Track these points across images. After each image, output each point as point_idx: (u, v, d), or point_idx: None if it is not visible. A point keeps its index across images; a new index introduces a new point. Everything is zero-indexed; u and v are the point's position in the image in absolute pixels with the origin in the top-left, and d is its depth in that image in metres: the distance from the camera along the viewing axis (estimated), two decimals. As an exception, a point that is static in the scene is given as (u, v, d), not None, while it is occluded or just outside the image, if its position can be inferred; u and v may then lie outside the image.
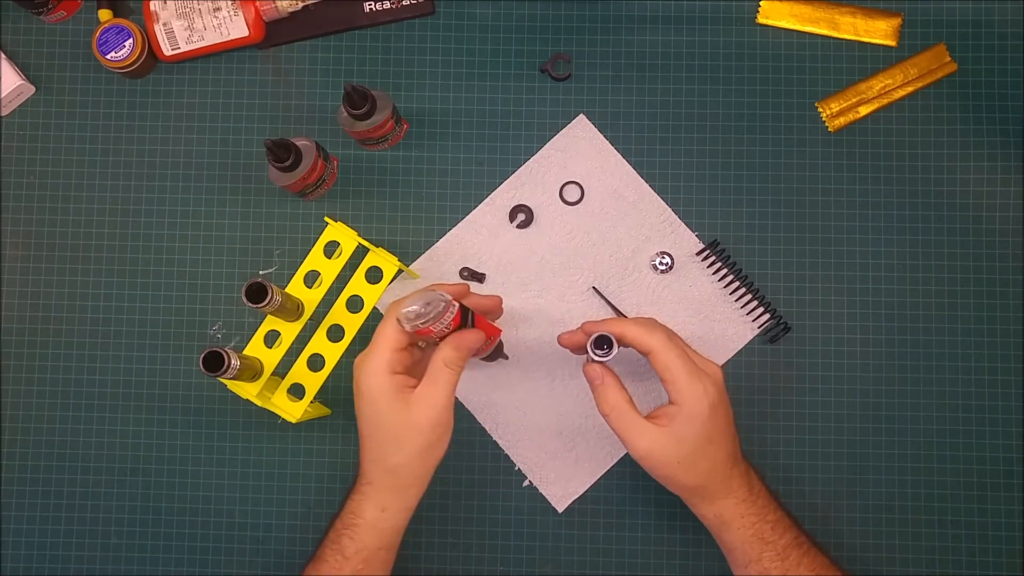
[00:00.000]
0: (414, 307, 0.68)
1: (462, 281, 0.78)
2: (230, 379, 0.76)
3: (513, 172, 0.89)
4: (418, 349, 0.76)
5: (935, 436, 0.86)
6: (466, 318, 0.71)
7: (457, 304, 0.70)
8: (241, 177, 0.90)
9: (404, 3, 0.90)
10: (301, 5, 0.88)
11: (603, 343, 0.73)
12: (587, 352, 0.74)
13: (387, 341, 0.71)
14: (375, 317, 0.88)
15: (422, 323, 0.68)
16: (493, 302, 0.79)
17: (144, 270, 0.89)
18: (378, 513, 0.73)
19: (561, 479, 0.87)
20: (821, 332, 0.87)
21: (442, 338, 0.71)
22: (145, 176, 0.90)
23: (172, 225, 0.90)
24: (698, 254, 0.88)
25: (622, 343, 0.74)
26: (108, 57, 0.87)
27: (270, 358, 0.81)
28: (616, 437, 0.74)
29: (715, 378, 0.73)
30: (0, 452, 0.88)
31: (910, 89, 0.89)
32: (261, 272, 0.89)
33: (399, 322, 0.70)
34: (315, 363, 0.82)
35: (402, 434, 0.71)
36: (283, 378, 0.82)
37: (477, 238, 0.89)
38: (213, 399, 0.88)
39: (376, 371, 0.70)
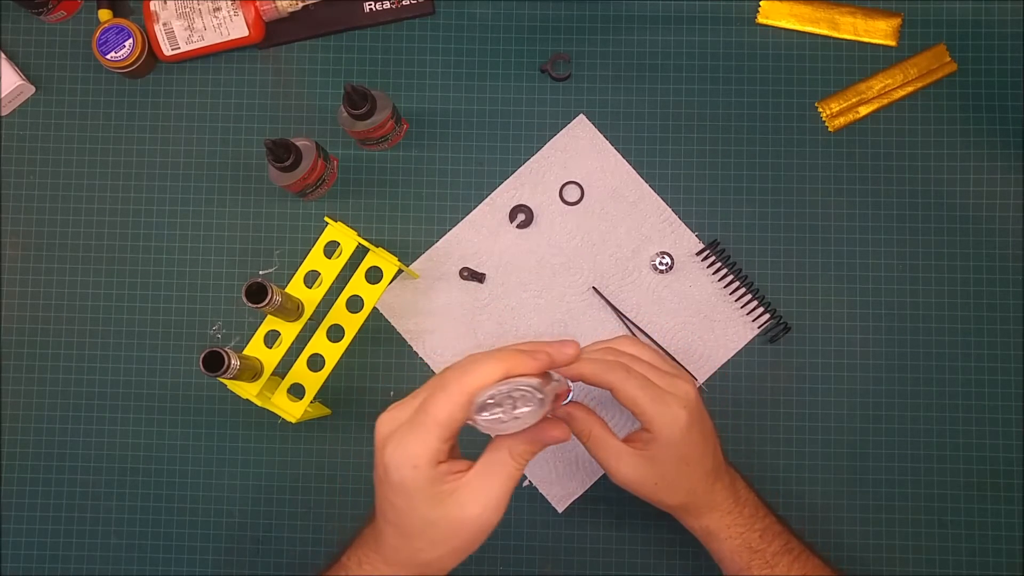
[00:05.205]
0: (500, 396, 0.52)
1: (539, 348, 0.59)
2: (230, 379, 0.76)
3: (513, 172, 0.89)
4: None
5: (935, 436, 0.86)
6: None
7: (550, 398, 0.55)
8: (241, 177, 0.90)
9: (404, 3, 0.90)
10: (301, 5, 0.88)
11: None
12: None
13: (439, 426, 0.55)
14: (375, 317, 0.88)
15: (502, 420, 0.53)
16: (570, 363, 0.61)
17: (144, 270, 0.89)
18: None
19: (561, 479, 0.87)
20: (821, 332, 0.87)
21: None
22: (145, 176, 0.90)
23: (172, 225, 0.90)
24: (698, 254, 0.88)
25: (583, 381, 0.70)
26: (108, 57, 0.87)
27: (270, 358, 0.81)
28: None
29: (686, 398, 0.69)
30: (0, 452, 0.88)
31: (910, 89, 0.89)
32: (261, 272, 0.89)
33: (471, 409, 0.55)
34: (315, 363, 0.82)
35: (441, 532, 0.58)
36: (283, 378, 0.82)
37: (477, 238, 0.89)
38: (213, 399, 0.88)
39: (415, 462, 0.56)
